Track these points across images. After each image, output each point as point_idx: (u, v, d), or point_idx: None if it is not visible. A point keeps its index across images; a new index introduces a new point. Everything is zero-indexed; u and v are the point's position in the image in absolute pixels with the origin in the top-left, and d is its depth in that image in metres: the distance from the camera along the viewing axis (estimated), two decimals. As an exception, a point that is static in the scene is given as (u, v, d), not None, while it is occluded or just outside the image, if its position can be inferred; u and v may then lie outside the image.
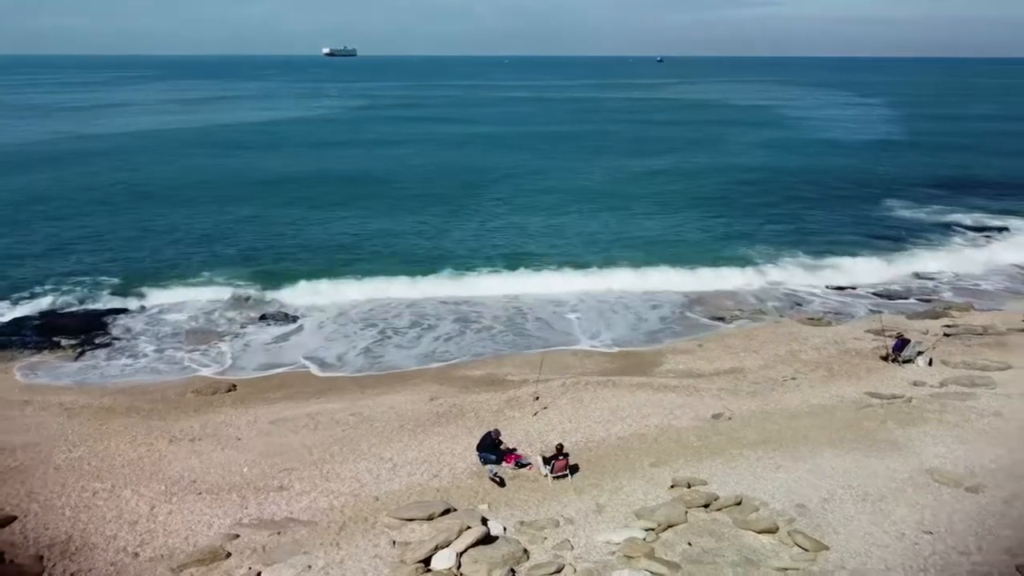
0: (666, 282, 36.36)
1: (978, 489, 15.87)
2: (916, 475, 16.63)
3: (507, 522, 15.78)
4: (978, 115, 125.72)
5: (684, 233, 46.02)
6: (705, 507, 15.67)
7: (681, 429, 20.19)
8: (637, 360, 27.21)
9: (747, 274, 37.84)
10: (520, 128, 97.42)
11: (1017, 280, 37.85)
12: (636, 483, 17.22)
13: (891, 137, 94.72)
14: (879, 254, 41.57)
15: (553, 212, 50.04)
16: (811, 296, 35.21)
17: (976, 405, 20.42)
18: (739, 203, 54.19)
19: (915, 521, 14.75)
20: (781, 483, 16.59)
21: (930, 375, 23.37)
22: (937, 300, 34.54)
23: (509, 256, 39.64)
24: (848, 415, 20.47)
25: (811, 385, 23.43)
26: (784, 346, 27.54)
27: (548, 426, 20.78)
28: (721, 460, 18.05)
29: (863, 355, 26.07)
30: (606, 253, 40.68)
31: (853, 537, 14.32)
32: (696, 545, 14.29)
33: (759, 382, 23.82)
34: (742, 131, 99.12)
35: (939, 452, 17.72)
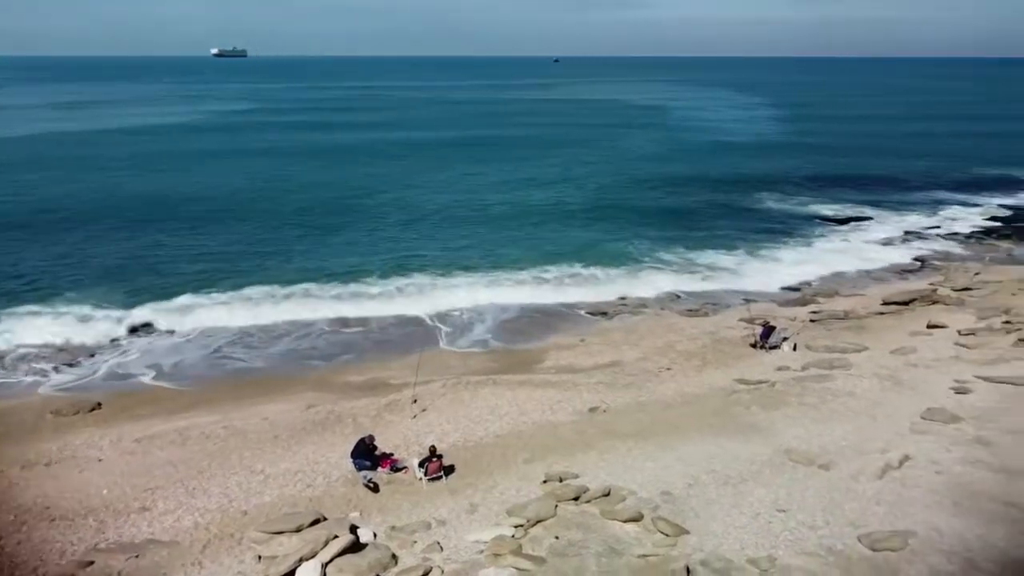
0: (552, 280, 36.83)
1: (829, 466, 16.75)
2: (775, 456, 17.41)
3: (378, 528, 15.60)
4: (856, 115, 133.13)
5: (574, 230, 46.69)
6: (575, 500, 15.92)
7: (558, 424, 20.46)
8: (520, 358, 27.43)
9: (631, 268, 38.84)
10: (413, 134, 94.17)
11: (876, 264, 40.23)
12: (510, 480, 17.33)
13: (769, 134, 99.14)
14: (754, 244, 43.51)
15: (441, 223, 48.95)
16: (691, 288, 36.34)
17: (832, 386, 21.55)
18: (626, 201, 55.48)
19: (770, 500, 15.42)
20: (650, 472, 17.04)
21: (794, 360, 24.53)
22: (806, 288, 36.34)
23: (392, 268, 38.17)
24: (717, 402, 21.23)
25: (685, 375, 24.20)
26: (662, 338, 28.34)
27: (427, 428, 20.68)
28: (595, 453, 18.39)
29: (734, 344, 27.13)
30: (493, 257, 40.65)
31: (713, 520, 14.85)
32: (563, 538, 14.48)
33: (636, 374, 24.42)
34: (630, 130, 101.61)
35: (797, 433, 18.61)
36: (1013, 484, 15.39)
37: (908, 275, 38.25)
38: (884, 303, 31.83)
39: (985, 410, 19.09)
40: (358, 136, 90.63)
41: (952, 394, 20.36)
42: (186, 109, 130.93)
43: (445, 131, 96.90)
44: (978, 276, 35.96)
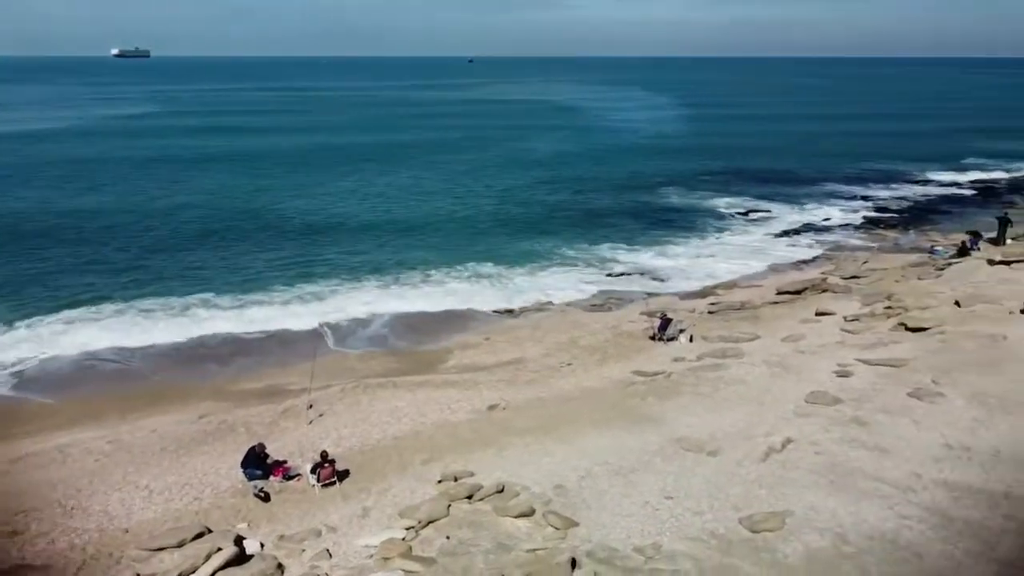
0: (459, 280, 36.79)
1: (717, 452, 17.19)
2: (666, 445, 17.75)
3: (266, 538, 15.21)
4: (757, 114, 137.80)
5: (482, 231, 46.75)
6: (468, 499, 15.87)
7: (457, 423, 20.38)
8: (424, 359, 27.24)
9: (538, 266, 39.21)
10: (321, 138, 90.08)
11: (774, 255, 41.74)
12: (406, 482, 17.16)
13: (676, 133, 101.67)
14: (658, 239, 44.59)
15: (347, 228, 47.80)
16: (596, 284, 36.85)
17: (725, 375, 22.16)
18: (534, 200, 55.90)
19: (659, 488, 15.72)
20: (545, 467, 17.13)
21: (690, 351, 25.13)
22: (706, 280, 37.36)
23: (295, 275, 37.11)
24: (614, 395, 21.56)
25: (585, 369, 24.48)
26: (566, 334, 28.60)
27: (323, 433, 20.28)
28: (492, 450, 18.38)
29: (635, 337, 27.62)
30: (400, 259, 40.23)
31: (603, 511, 15.02)
32: (454, 537, 14.41)
33: (538, 370, 24.57)
34: (542, 130, 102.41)
35: (689, 422, 19.03)
36: (883, 460, 16.14)
37: (803, 265, 39.79)
38: (778, 293, 32.98)
39: (863, 391, 19.95)
40: (264, 141, 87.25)
41: (834, 377, 21.19)
42: (80, 113, 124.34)
43: (355, 135, 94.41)
44: (866, 264, 37.68)
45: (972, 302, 27.29)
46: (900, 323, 25.71)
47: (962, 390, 19.43)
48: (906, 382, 20.30)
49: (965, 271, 33.07)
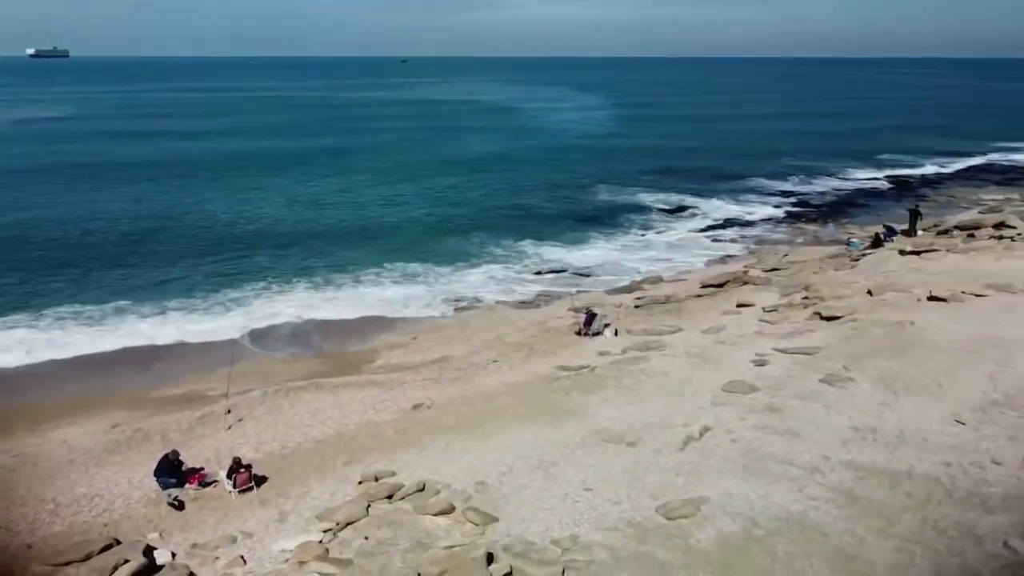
0: (388, 280, 36.51)
1: (636, 443, 17.44)
2: (587, 438, 17.92)
3: (178, 548, 14.80)
4: (684, 112, 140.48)
5: (413, 231, 46.49)
6: (389, 498, 15.74)
7: (381, 424, 20.20)
8: (350, 360, 26.90)
9: (468, 264, 39.23)
10: (248, 142, 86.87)
11: (699, 250, 42.64)
12: (325, 485, 16.92)
13: (605, 132, 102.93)
14: (587, 235, 45.11)
15: (274, 232, 47.13)
16: (526, 281, 37.04)
17: (647, 367, 22.50)
18: (465, 200, 55.88)
19: (579, 481, 15.85)
20: (466, 464, 17.10)
21: (615, 344, 25.44)
22: (635, 273, 37.92)
23: (219, 280, 36.15)
24: (539, 390, 21.66)
25: (511, 366, 24.54)
26: (493, 331, 28.63)
27: (242, 439, 19.84)
28: (415, 449, 18.28)
29: (561, 332, 27.82)
30: (329, 261, 39.69)
31: (523, 505, 15.08)
32: (373, 538, 14.27)
33: (464, 368, 24.53)
34: (474, 130, 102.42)
35: (610, 414, 19.26)
36: (794, 445, 16.62)
37: (727, 259, 40.69)
38: (702, 286, 33.67)
39: (778, 379, 20.51)
40: (189, 145, 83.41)
41: (752, 367, 21.73)
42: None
43: (283, 138, 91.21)
44: (786, 257, 38.76)
45: (883, 291, 28.36)
46: (815, 312, 26.53)
47: (870, 375, 20.15)
48: (819, 369, 20.95)
49: (878, 261, 34.35)
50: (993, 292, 27.13)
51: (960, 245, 37.01)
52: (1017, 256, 32.98)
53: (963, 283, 28.37)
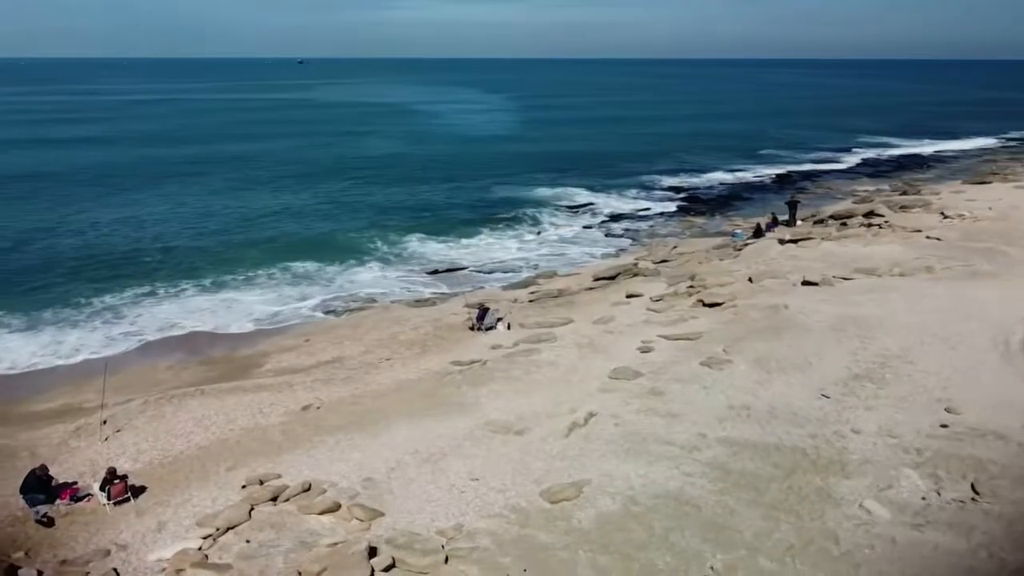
0: (281, 282, 35.76)
1: (524, 432, 17.72)
2: (476, 429, 18.07)
3: (46, 565, 14.07)
4: (576, 107, 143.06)
5: (308, 231, 45.62)
6: (273, 500, 15.43)
7: (267, 427, 19.75)
8: (238, 364, 26.17)
9: (363, 263, 38.90)
10: (139, 149, 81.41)
11: (594, 244, 43.60)
12: (207, 491, 16.42)
13: (504, 131, 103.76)
14: (485, 232, 45.43)
15: (160, 233, 45.76)
16: (422, 279, 36.99)
17: (538, 359, 22.85)
18: (363, 199, 55.32)
19: (466, 471, 15.99)
20: (354, 462, 16.96)
21: (507, 338, 25.70)
22: (531, 269, 38.41)
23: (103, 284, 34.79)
24: (430, 386, 21.67)
25: (404, 363, 24.44)
26: (387, 330, 28.43)
27: (120, 450, 19.01)
28: (302, 450, 17.97)
29: (455, 329, 27.90)
30: (220, 262, 38.55)
31: (410, 498, 15.10)
32: (254, 541, 13.99)
33: (355, 368, 24.27)
34: (374, 130, 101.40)
35: (499, 405, 19.47)
36: (674, 425, 17.27)
37: (620, 252, 41.71)
38: (595, 279, 34.38)
39: (662, 364, 21.23)
40: (67, 153, 77.36)
41: (638, 354, 22.38)
42: None
43: (172, 144, 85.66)
44: (675, 249, 40.06)
45: (762, 277, 29.74)
46: (699, 300, 27.55)
47: (747, 356, 21.12)
48: (700, 353, 21.80)
49: (759, 250, 35.97)
50: (860, 275, 28.90)
51: (834, 233, 39.21)
52: (883, 242, 35.19)
53: (834, 268, 30.10)
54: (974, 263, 29.87)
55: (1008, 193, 46.15)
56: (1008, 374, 18.85)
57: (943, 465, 14.76)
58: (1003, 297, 24.94)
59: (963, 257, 30.88)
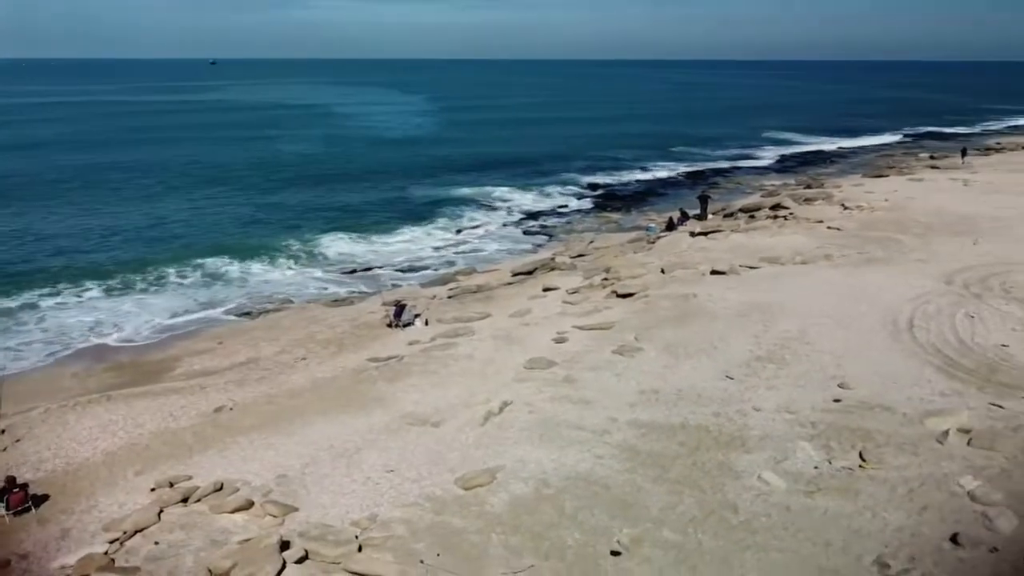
0: (195, 283, 34.91)
1: (440, 423, 17.90)
2: (392, 423, 18.16)
3: (-62, 581, 13.47)
4: (493, 107, 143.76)
5: (220, 232, 44.56)
6: (184, 502, 15.17)
7: (178, 430, 19.33)
8: (148, 369, 25.42)
9: (277, 264, 38.36)
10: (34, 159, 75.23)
11: (512, 241, 44.07)
12: (114, 497, 16.00)
13: (423, 130, 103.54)
14: (406, 233, 45.31)
15: (64, 233, 43.94)
16: (340, 279, 36.70)
17: (455, 352, 23.04)
18: (279, 201, 54.35)
19: (382, 464, 16.08)
20: (268, 460, 16.82)
21: (425, 333, 25.81)
22: (449, 266, 38.55)
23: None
24: (347, 383, 21.60)
25: (320, 362, 24.26)
26: (303, 330, 28.12)
27: (20, 459, 18.27)
28: (214, 451, 17.69)
29: (373, 327, 27.83)
30: (130, 265, 37.33)
31: (324, 492, 15.10)
32: (163, 542, 13.76)
33: (270, 368, 23.96)
34: (289, 131, 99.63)
35: (416, 398, 19.60)
36: (586, 411, 17.74)
37: (537, 248, 42.26)
38: (513, 274, 34.81)
39: (575, 353, 21.72)
40: None
41: (553, 344, 22.83)
42: None
43: (72, 152, 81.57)
44: (592, 244, 40.85)
45: (673, 268, 30.64)
46: (613, 291, 28.25)
47: (657, 343, 21.82)
48: (613, 341, 22.39)
49: (671, 243, 37.07)
50: (765, 264, 30.14)
51: (742, 226, 40.68)
52: (788, 233, 36.72)
53: (741, 258, 31.28)
54: (869, 251, 31.50)
55: (903, 185, 48.71)
56: (895, 351, 20.06)
57: (835, 436, 15.66)
58: (893, 281, 26.44)
59: (860, 245, 32.52)
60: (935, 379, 18.23)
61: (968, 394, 17.31)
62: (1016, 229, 34.27)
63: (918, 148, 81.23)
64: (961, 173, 53.38)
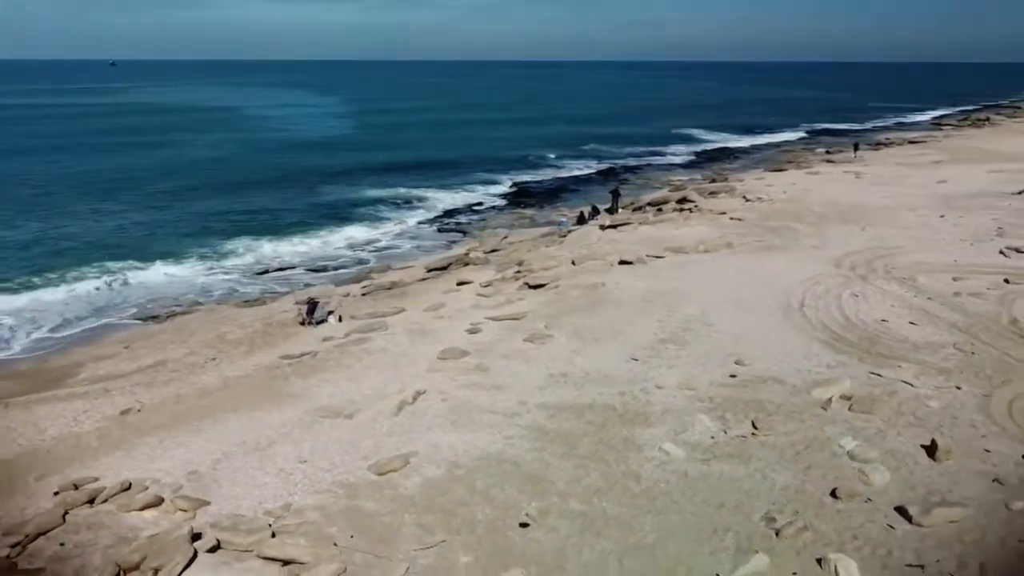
0: (99, 288, 33.79)
1: (354, 415, 18.05)
2: (306, 416, 18.20)
3: None
4: (408, 108, 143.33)
5: (127, 235, 43.23)
6: (90, 503, 14.88)
7: (82, 434, 18.82)
8: (50, 375, 24.46)
9: (188, 267, 37.52)
10: None
11: (427, 239, 44.32)
12: (14, 502, 15.46)
13: (336, 131, 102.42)
14: (316, 230, 44.99)
15: None
16: (251, 280, 36.20)
17: (369, 346, 23.18)
18: (188, 204, 52.92)
19: (295, 455, 16.14)
20: (178, 458, 16.62)
21: (339, 330, 25.81)
22: (364, 265, 38.49)
23: None
24: (259, 380, 21.44)
25: (231, 361, 23.96)
26: (213, 331, 27.65)
27: (-92, 473, 17.51)
28: (121, 452, 17.33)
29: (286, 325, 27.60)
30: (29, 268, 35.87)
31: (236, 485, 15.08)
32: (69, 543, 13.51)
33: (179, 370, 23.51)
34: (196, 134, 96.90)
35: (330, 392, 19.67)
36: (498, 396, 18.23)
37: (453, 245, 42.58)
38: (427, 270, 35.04)
39: (488, 343, 22.19)
40: None
41: (466, 336, 23.22)
42: None
43: None
44: (505, 239, 41.45)
45: (584, 260, 31.54)
46: (525, 283, 28.88)
47: (566, 330, 22.51)
48: (524, 330, 22.95)
49: (582, 236, 38.04)
50: (670, 254, 31.35)
51: (650, 218, 42.12)
52: (693, 224, 38.23)
53: (649, 249, 32.44)
54: (767, 239, 33.16)
55: (800, 179, 51.29)
56: (787, 330, 21.32)
57: (730, 408, 16.62)
58: (788, 267, 27.99)
59: (759, 234, 34.18)
60: (822, 353, 19.51)
61: (851, 365, 18.63)
62: (900, 216, 36.66)
63: (816, 144, 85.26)
64: (853, 166, 56.56)
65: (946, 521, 12.08)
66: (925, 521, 12.07)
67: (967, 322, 21.34)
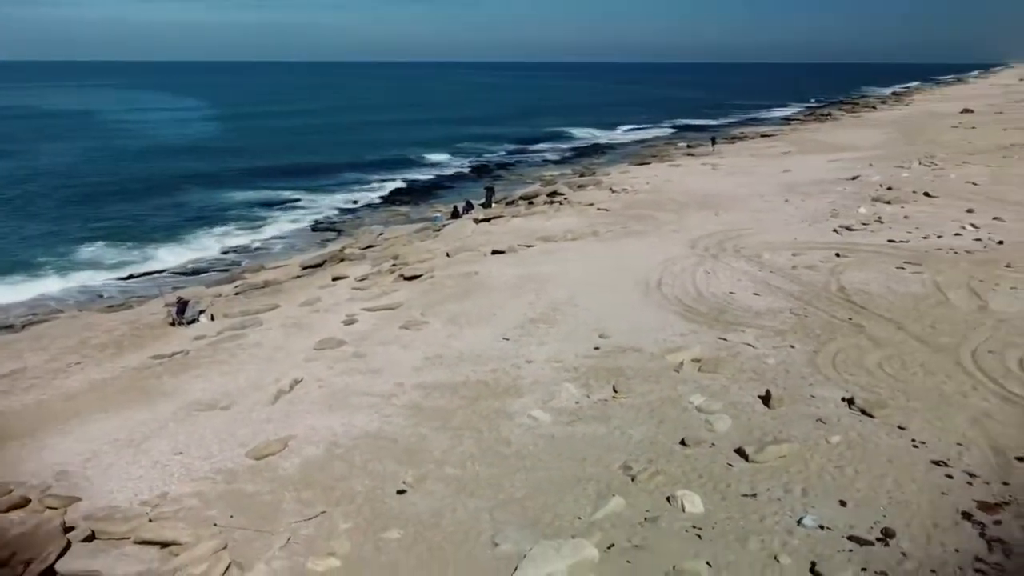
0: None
1: (230, 406, 18.09)
2: (180, 411, 18.07)
3: None
4: (279, 111, 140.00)
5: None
6: (-53, 510, 14.35)
7: (-66, 445, 17.94)
8: None
9: (43, 274, 35.71)
10: None
11: (302, 239, 43.97)
12: None
13: (200, 134, 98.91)
14: (187, 238, 43.61)
15: None
16: (116, 284, 34.94)
17: (243, 342, 23.07)
18: (41, 211, 50.02)
19: (170, 448, 16.08)
20: (45, 460, 16.18)
21: (211, 328, 25.48)
22: (236, 267, 37.82)
23: None
24: (129, 381, 20.96)
25: (98, 365, 23.19)
26: (76, 337, 26.58)
27: None
28: (-20, 460, 16.70)
29: (155, 326, 26.93)
30: None
31: (109, 480, 14.92)
32: (-72, 549, 13.01)
33: (40, 376, 22.53)
34: (46, 140, 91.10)
35: (204, 387, 19.55)
36: (375, 380, 18.76)
37: (327, 243, 42.44)
38: (302, 267, 34.89)
39: (365, 332, 22.62)
40: None
41: (343, 327, 23.53)
42: None
43: None
44: (381, 236, 41.73)
45: (458, 252, 32.37)
46: (400, 275, 29.40)
47: (441, 317, 23.25)
48: (400, 319, 23.52)
49: (457, 230, 38.85)
50: (540, 243, 32.66)
51: (522, 211, 43.45)
52: (563, 216, 39.81)
53: (520, 239, 33.66)
54: (630, 226, 35.09)
55: (663, 171, 54.16)
56: (646, 305, 22.91)
57: (593, 376, 17.86)
58: (649, 250, 29.85)
59: (623, 222, 36.09)
60: (676, 323, 21.15)
61: (701, 332, 20.34)
62: (750, 202, 39.57)
63: (678, 139, 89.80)
64: (711, 159, 60.14)
65: (776, 457, 13.67)
66: (759, 458, 13.62)
67: (802, 291, 23.64)
